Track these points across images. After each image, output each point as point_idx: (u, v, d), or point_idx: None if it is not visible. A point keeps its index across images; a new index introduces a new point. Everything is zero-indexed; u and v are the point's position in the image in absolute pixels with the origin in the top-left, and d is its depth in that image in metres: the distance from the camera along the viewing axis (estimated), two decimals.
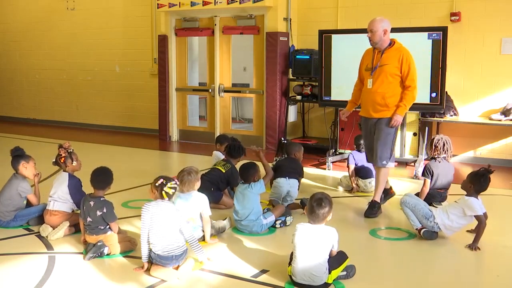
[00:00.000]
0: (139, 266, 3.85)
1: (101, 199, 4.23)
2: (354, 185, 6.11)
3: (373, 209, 5.19)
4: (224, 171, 5.49)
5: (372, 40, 5.14)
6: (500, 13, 7.47)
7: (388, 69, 5.10)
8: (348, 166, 6.19)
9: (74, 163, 4.76)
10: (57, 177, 4.80)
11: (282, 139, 6.49)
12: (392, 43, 5.16)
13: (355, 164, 6.18)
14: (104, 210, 4.15)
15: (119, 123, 11.25)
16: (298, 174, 5.64)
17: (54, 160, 4.78)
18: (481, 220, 4.29)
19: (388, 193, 5.63)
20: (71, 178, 4.70)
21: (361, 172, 6.13)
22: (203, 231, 4.41)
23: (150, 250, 3.78)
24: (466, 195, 4.38)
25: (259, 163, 5.06)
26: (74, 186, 4.67)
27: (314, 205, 3.55)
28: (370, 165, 5.94)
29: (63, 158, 4.72)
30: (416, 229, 4.52)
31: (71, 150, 4.81)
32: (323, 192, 3.72)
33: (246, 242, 4.45)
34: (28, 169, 4.92)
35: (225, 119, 9.56)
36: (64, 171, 4.76)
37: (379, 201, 5.27)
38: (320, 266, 3.49)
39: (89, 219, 4.17)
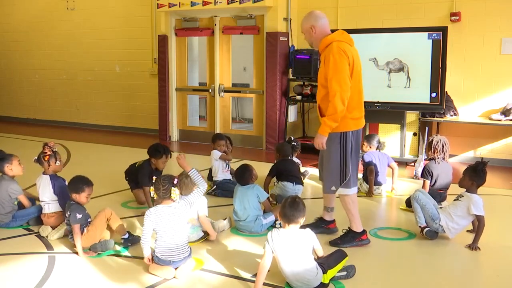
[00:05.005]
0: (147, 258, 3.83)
1: (71, 202, 4.25)
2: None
3: (345, 237, 4.34)
4: None
5: (307, 42, 4.28)
6: (500, 13, 7.47)
7: (319, 75, 4.16)
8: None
9: (58, 163, 4.75)
10: (38, 182, 4.75)
11: (292, 138, 6.32)
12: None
13: (369, 164, 5.89)
14: (68, 213, 4.20)
15: (119, 123, 11.25)
16: (301, 179, 5.68)
17: (36, 157, 4.74)
18: (481, 220, 4.30)
19: (325, 225, 4.57)
20: (54, 179, 4.67)
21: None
22: (203, 231, 4.42)
23: (152, 251, 3.80)
24: (467, 192, 4.39)
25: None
26: (60, 188, 4.64)
27: (287, 208, 3.46)
28: (383, 171, 5.91)
29: (47, 156, 4.69)
30: (420, 226, 4.53)
31: (55, 150, 4.81)
32: (295, 195, 3.72)
33: (246, 242, 4.45)
34: (13, 169, 4.89)
35: (225, 119, 9.56)
36: (44, 173, 4.73)
37: (357, 231, 4.34)
38: (307, 271, 3.42)
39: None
